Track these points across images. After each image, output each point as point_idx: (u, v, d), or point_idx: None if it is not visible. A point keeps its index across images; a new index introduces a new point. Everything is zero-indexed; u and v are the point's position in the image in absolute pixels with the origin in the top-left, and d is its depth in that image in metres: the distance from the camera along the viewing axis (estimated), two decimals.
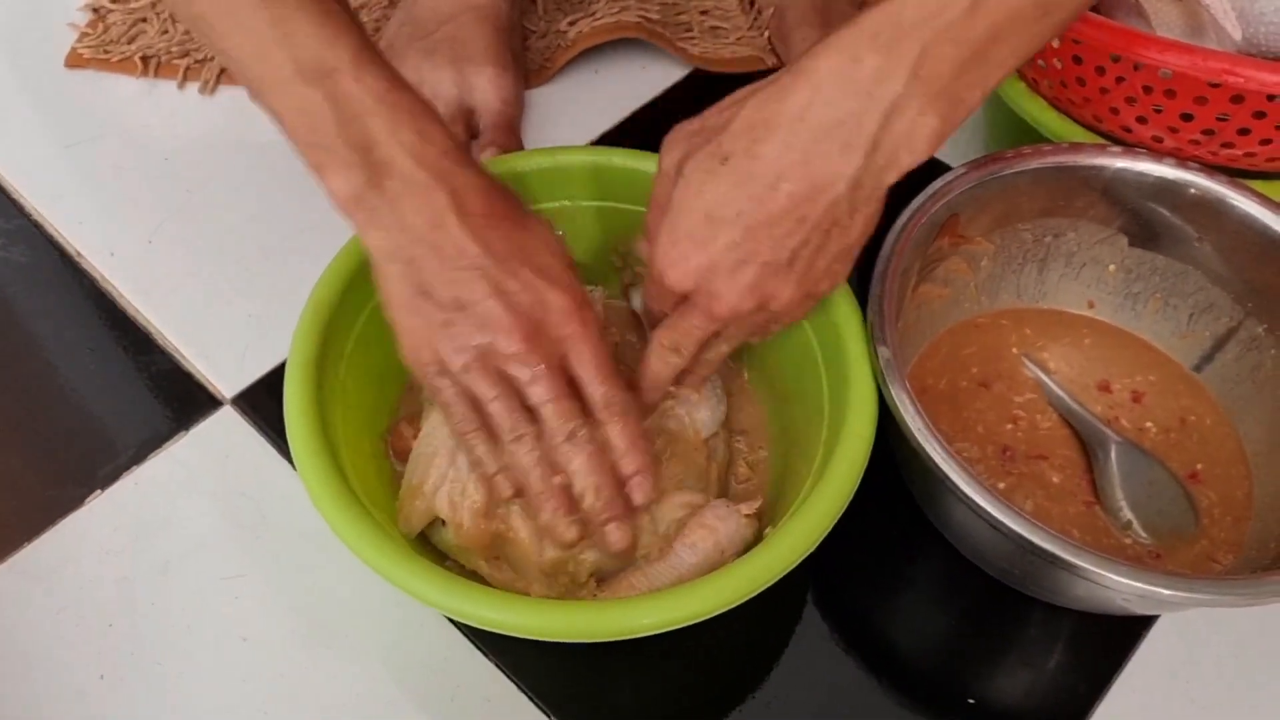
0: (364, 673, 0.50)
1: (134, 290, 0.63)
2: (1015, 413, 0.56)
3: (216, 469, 0.56)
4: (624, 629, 0.40)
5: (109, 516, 0.54)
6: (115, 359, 0.60)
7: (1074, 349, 0.59)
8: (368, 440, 0.50)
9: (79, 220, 0.66)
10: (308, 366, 0.46)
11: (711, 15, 0.79)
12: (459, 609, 0.41)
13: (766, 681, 0.51)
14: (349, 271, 0.50)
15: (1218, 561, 0.52)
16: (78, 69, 0.73)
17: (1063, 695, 0.51)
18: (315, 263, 0.50)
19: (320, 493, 0.43)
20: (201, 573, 0.53)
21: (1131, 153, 0.54)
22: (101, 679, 0.49)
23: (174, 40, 0.74)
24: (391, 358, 0.52)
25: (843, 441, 0.45)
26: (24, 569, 0.52)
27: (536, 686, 0.50)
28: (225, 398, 0.59)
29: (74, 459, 0.56)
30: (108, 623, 0.51)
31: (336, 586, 0.52)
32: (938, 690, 0.51)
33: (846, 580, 0.54)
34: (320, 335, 0.48)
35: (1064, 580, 0.47)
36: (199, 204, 0.67)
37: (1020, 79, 0.61)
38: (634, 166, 0.55)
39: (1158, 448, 0.55)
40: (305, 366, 0.46)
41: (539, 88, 0.74)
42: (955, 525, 0.51)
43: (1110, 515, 0.53)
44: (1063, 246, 0.57)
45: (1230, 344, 0.56)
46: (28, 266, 0.64)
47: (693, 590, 0.41)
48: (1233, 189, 0.52)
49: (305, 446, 0.44)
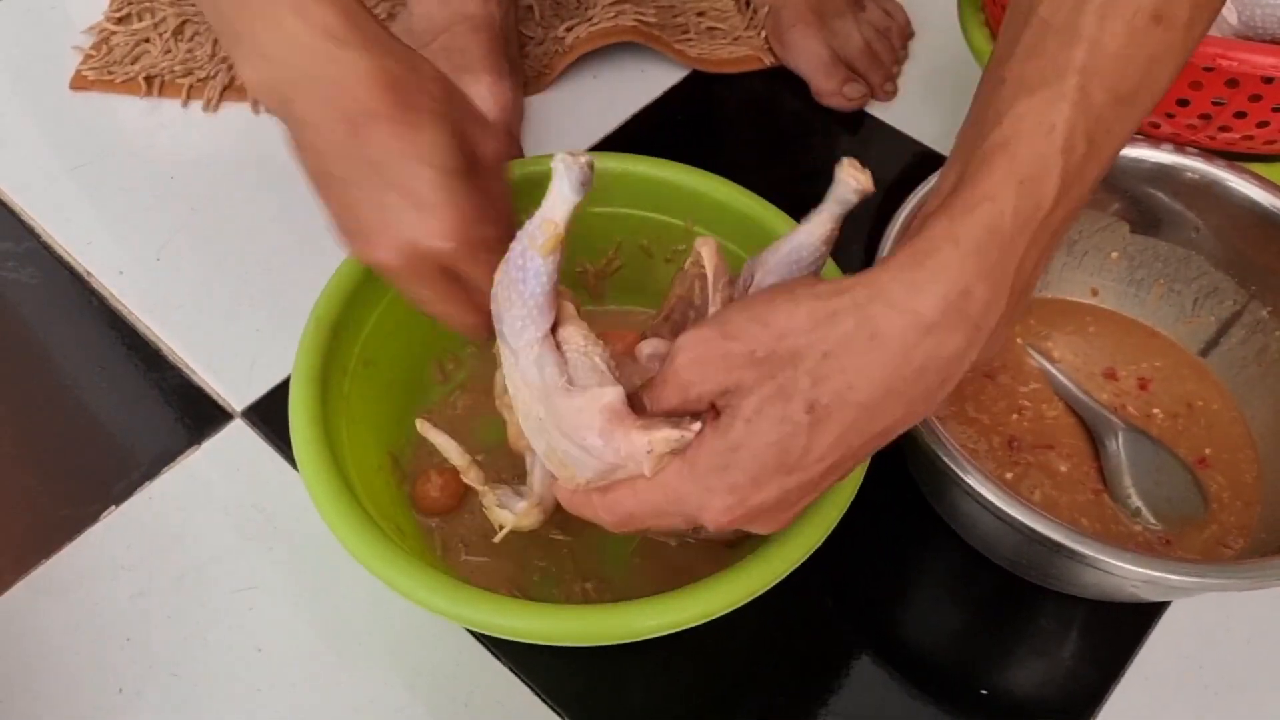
0: (378, 680, 0.50)
1: (143, 307, 0.63)
2: (1021, 403, 0.56)
3: (228, 482, 0.57)
4: (630, 631, 0.41)
5: (123, 532, 0.55)
6: (126, 375, 0.61)
7: (1079, 337, 0.59)
8: (374, 454, 0.50)
9: (87, 240, 0.66)
10: (311, 383, 0.47)
11: (708, 16, 0.80)
12: (467, 616, 0.41)
13: (777, 676, 0.51)
14: (350, 288, 0.50)
15: (1228, 546, 0.52)
16: (83, 91, 0.74)
17: (1075, 684, 0.51)
18: (320, 275, 0.50)
19: (327, 507, 0.43)
20: (216, 585, 0.53)
21: None
22: (120, 693, 0.50)
23: (177, 60, 0.75)
24: (396, 372, 0.53)
25: None
26: (41, 586, 0.53)
27: (550, 689, 0.50)
28: (235, 411, 0.59)
29: (88, 476, 0.57)
30: (125, 637, 0.52)
31: (349, 595, 0.53)
32: (950, 682, 0.51)
33: (856, 574, 0.54)
34: (323, 352, 0.48)
35: (1073, 569, 0.47)
36: (205, 220, 0.67)
37: None
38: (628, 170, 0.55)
39: (1165, 434, 0.55)
40: (309, 383, 0.47)
41: (538, 94, 0.75)
42: (962, 517, 0.52)
43: (1119, 503, 0.53)
44: None
45: (1235, 328, 0.56)
46: (39, 287, 0.65)
47: (700, 591, 0.41)
48: (1231, 172, 0.52)
49: (311, 462, 0.44)
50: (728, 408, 0.35)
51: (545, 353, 0.39)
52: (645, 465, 0.37)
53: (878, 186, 0.40)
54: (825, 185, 0.39)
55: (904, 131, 0.74)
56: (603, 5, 0.77)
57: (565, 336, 0.39)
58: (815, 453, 0.34)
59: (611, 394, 0.37)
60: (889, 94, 0.75)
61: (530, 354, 0.39)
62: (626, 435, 0.36)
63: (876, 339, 0.33)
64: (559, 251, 0.38)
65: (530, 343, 0.39)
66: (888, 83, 0.75)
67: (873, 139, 0.74)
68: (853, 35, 0.75)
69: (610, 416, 0.36)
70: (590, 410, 0.37)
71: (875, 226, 0.65)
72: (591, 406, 0.37)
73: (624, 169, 0.55)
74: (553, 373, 0.38)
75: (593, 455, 0.37)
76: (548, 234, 0.38)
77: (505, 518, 0.45)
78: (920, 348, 0.33)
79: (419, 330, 0.52)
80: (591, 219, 0.55)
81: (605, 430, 0.37)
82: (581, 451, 0.38)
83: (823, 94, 0.74)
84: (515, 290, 0.39)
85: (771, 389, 0.34)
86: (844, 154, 0.40)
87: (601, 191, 0.55)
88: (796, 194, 0.69)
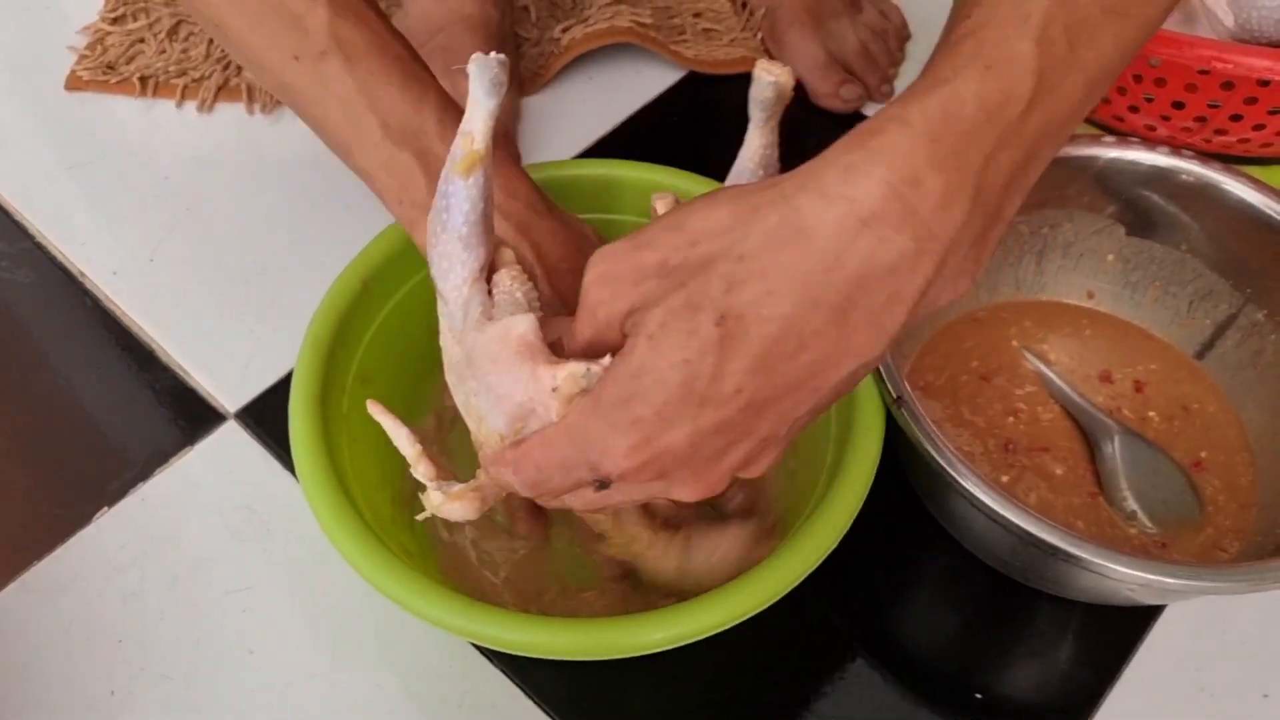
0: (371, 683, 0.50)
1: (137, 308, 0.63)
2: (1017, 406, 0.56)
3: (222, 483, 0.57)
4: (634, 645, 0.40)
5: (116, 533, 0.55)
6: (120, 376, 0.61)
7: (1074, 340, 0.59)
8: (376, 470, 0.50)
9: (81, 241, 0.66)
10: (311, 404, 0.46)
11: (704, 17, 0.79)
12: (479, 633, 0.40)
13: (772, 679, 0.51)
14: (343, 305, 0.50)
15: (1224, 549, 0.52)
16: (77, 91, 0.74)
17: (1070, 687, 0.51)
18: (314, 276, 0.50)
19: (334, 529, 0.43)
20: (209, 587, 0.53)
21: (1124, 142, 0.54)
22: (112, 695, 0.50)
23: (171, 60, 0.74)
24: (394, 388, 0.52)
25: (851, 450, 0.45)
26: (34, 587, 0.53)
27: (544, 694, 0.50)
28: (229, 412, 0.59)
29: (81, 477, 0.57)
30: (117, 638, 0.51)
31: (343, 597, 0.52)
32: (945, 686, 0.51)
33: (851, 578, 0.53)
34: (321, 373, 0.48)
35: (1068, 573, 0.47)
36: (199, 221, 0.67)
37: None
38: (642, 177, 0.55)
39: (1161, 437, 0.55)
40: (309, 404, 0.46)
41: (534, 95, 0.75)
42: (958, 520, 0.51)
43: (1114, 506, 0.53)
44: (1059, 237, 0.57)
45: (1231, 330, 0.56)
46: (33, 287, 0.65)
47: (701, 606, 0.41)
48: (1226, 174, 0.52)
49: (317, 486, 0.44)
50: (633, 327, 0.30)
51: (474, 295, 0.35)
52: (552, 409, 0.32)
53: None
54: None
55: None
56: (599, 6, 0.77)
57: (496, 280, 0.36)
58: (729, 379, 0.29)
59: (524, 323, 0.33)
60: (885, 96, 0.75)
61: (459, 297, 0.35)
62: (534, 372, 0.32)
63: (802, 234, 0.28)
64: (482, 171, 0.34)
65: (458, 284, 0.35)
66: (884, 84, 0.75)
67: None
68: (849, 37, 0.75)
69: (520, 348, 0.32)
70: (501, 341, 0.33)
71: None
72: (504, 336, 0.33)
73: (619, 174, 0.55)
74: (475, 312, 0.35)
75: (501, 396, 0.33)
76: (464, 150, 0.33)
77: (434, 499, 0.38)
78: (856, 246, 0.28)
79: (414, 345, 0.51)
80: (598, 227, 0.55)
81: (514, 364, 0.33)
82: (490, 395, 0.34)
83: (819, 96, 0.74)
84: (439, 223, 0.35)
85: (679, 300, 0.29)
86: None
87: (597, 197, 0.55)
88: None
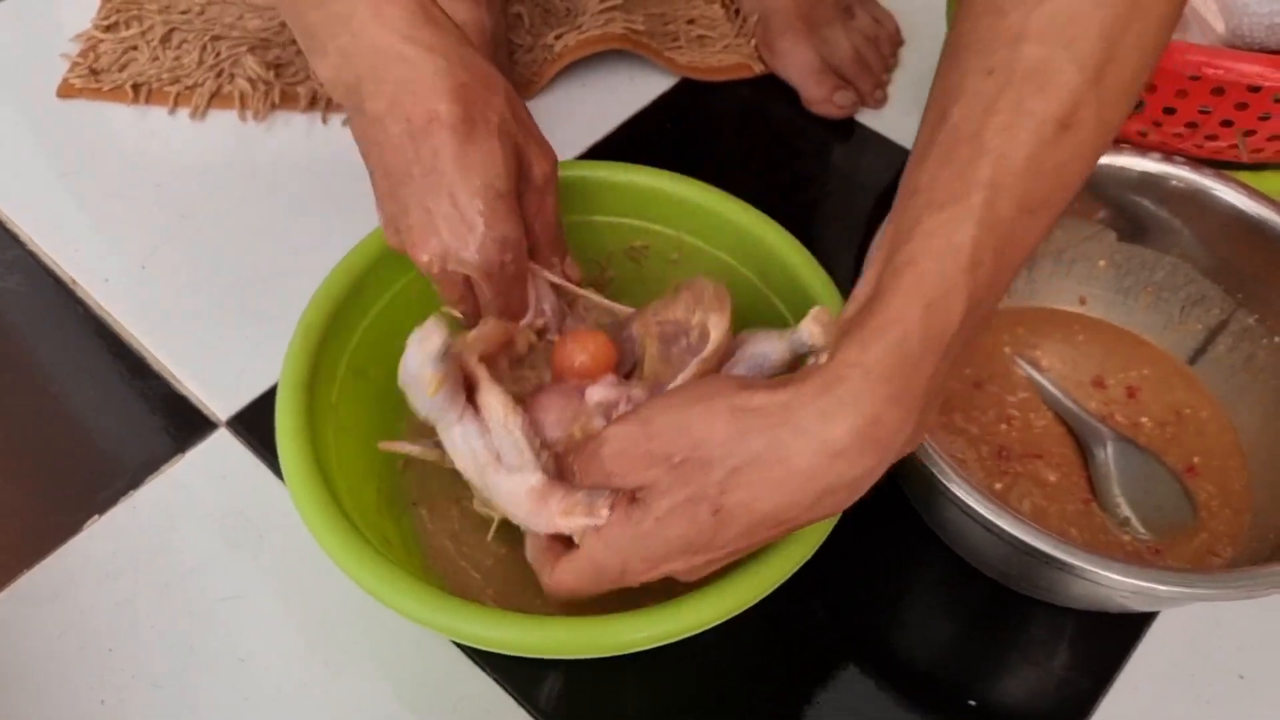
0: (364, 690, 0.50)
1: (128, 315, 0.63)
2: (1009, 412, 0.56)
3: (213, 490, 0.56)
4: (619, 644, 0.40)
5: (108, 540, 0.54)
6: (111, 384, 0.60)
7: (1067, 346, 0.59)
8: (362, 461, 0.50)
9: (74, 248, 0.66)
10: (298, 390, 0.46)
11: (697, 24, 0.80)
12: (453, 627, 0.40)
13: (765, 686, 0.51)
14: (339, 296, 0.50)
15: (1217, 554, 0.52)
16: (70, 98, 0.74)
17: (1064, 695, 0.51)
18: (307, 284, 0.50)
19: (310, 513, 0.43)
20: (201, 594, 0.53)
21: (1115, 148, 0.54)
22: (102, 704, 0.49)
23: (164, 67, 0.74)
24: (387, 381, 0.52)
25: None
26: (24, 595, 0.53)
27: (536, 700, 0.50)
28: (220, 420, 0.59)
29: (72, 484, 0.56)
30: (108, 647, 0.51)
31: (335, 604, 0.52)
32: (938, 693, 0.51)
33: (844, 585, 0.53)
34: (310, 359, 0.48)
35: (1061, 580, 0.47)
36: (191, 228, 0.67)
37: None
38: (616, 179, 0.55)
39: (1154, 442, 0.55)
40: (296, 390, 0.46)
41: (528, 102, 0.75)
42: (951, 528, 0.51)
43: (1108, 512, 0.53)
44: (1051, 243, 0.57)
45: (1223, 335, 0.56)
46: (25, 295, 0.64)
47: (687, 605, 0.41)
48: (1216, 180, 0.52)
49: (297, 470, 0.44)
50: (642, 501, 0.38)
51: (468, 426, 0.43)
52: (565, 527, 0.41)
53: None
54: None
55: (894, 139, 0.73)
56: (592, 13, 0.77)
57: (484, 404, 0.43)
58: (719, 543, 0.37)
59: (535, 480, 0.41)
60: (879, 101, 0.75)
61: (454, 430, 0.43)
62: (550, 519, 0.40)
63: (784, 464, 0.35)
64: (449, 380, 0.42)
65: (450, 423, 0.43)
66: (877, 90, 0.75)
67: (863, 147, 0.74)
68: (842, 43, 0.75)
69: (535, 499, 0.41)
70: (518, 493, 0.41)
71: (865, 234, 0.66)
72: (518, 490, 0.41)
73: (613, 178, 0.55)
74: (479, 446, 0.43)
75: (521, 520, 0.42)
76: (426, 382, 0.41)
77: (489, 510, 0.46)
78: (828, 472, 0.35)
79: None
80: (582, 228, 0.55)
81: (533, 510, 0.41)
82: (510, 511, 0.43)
83: (812, 102, 0.74)
84: (413, 393, 0.42)
85: (683, 495, 0.36)
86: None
87: (592, 201, 0.55)
88: (786, 201, 0.69)
